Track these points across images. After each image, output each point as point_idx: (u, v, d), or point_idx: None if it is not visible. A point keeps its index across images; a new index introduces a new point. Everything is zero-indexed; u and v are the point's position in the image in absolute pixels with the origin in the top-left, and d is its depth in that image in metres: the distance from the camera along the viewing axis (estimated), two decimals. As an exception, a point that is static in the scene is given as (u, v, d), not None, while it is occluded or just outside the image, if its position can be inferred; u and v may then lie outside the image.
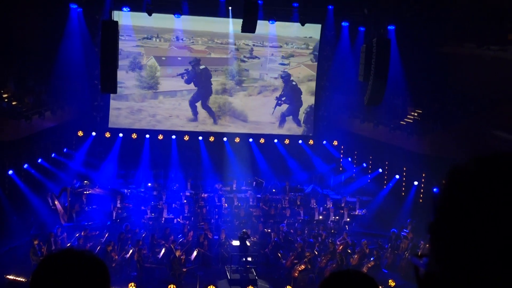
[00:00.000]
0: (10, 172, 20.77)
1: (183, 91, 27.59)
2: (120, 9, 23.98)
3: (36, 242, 17.11)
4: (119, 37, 25.64)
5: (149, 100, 27.38)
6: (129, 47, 26.57)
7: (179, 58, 27.18)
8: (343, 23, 26.18)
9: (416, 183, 23.21)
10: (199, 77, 27.34)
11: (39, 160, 23.18)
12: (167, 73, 27.34)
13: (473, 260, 1.22)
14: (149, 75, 27.12)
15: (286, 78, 27.85)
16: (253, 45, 27.47)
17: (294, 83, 28.00)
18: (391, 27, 23.47)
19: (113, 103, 26.91)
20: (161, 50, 27.12)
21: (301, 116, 28.47)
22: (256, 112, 28.22)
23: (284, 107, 28.17)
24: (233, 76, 27.70)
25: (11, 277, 15.94)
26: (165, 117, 27.64)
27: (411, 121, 23.94)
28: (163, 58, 27.14)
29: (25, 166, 21.99)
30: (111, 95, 25.31)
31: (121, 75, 25.83)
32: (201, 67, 27.28)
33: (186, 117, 27.82)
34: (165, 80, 27.31)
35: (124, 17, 24.14)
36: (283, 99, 28.04)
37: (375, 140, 25.49)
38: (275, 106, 28.08)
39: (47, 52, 23.76)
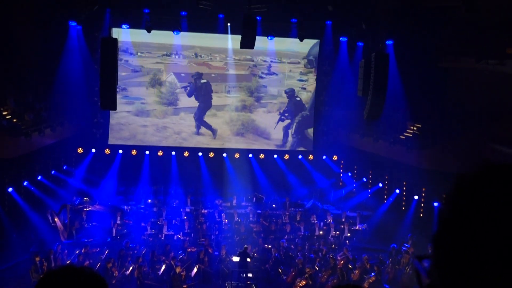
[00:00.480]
0: (10, 189, 20.75)
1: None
2: (120, 26, 24.11)
3: (37, 259, 17.05)
4: (139, 54, 26.11)
5: (170, 116, 27.54)
6: (149, 64, 26.80)
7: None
8: (342, 38, 26.28)
9: (416, 197, 23.18)
10: (199, 91, 27.41)
11: (39, 177, 23.15)
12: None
13: (475, 270, 1.22)
14: (169, 91, 27.30)
15: (290, 93, 27.92)
16: (271, 61, 27.58)
17: (298, 98, 28.06)
18: (389, 42, 23.55)
19: (137, 120, 27.18)
20: (180, 67, 27.33)
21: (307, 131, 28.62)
22: (278, 129, 28.45)
23: (286, 122, 28.25)
24: (252, 93, 27.82)
25: (11, 294, 15.90)
26: (190, 134, 27.87)
27: (411, 135, 23.94)
28: (182, 75, 27.33)
29: (25, 183, 21.96)
30: (134, 110, 25.78)
31: (141, 91, 26.38)
32: (203, 81, 27.35)
33: (209, 134, 28.03)
34: (184, 96, 27.49)
35: (143, 35, 24.38)
36: (286, 114, 28.11)
37: (375, 155, 25.49)
38: (278, 122, 28.15)
39: (47, 69, 23.83)
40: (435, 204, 20.98)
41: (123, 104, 26.26)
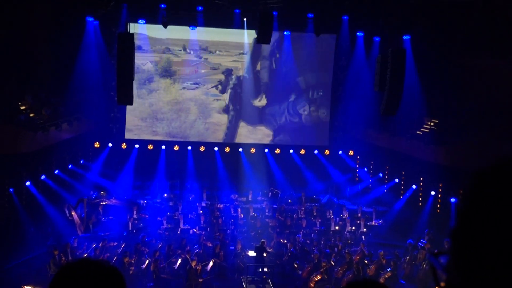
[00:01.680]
0: (28, 183, 20.94)
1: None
2: (136, 22, 24.20)
3: (56, 253, 17.19)
4: (217, 52, 27.03)
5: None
6: (226, 62, 27.56)
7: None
8: (358, 33, 26.15)
9: (433, 193, 23.04)
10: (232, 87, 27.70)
11: (56, 172, 23.34)
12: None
13: (494, 266, 1.21)
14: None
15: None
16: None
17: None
18: (406, 37, 23.40)
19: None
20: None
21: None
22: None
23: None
24: None
25: (28, 287, 16.04)
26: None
27: (428, 131, 23.78)
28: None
29: (42, 177, 22.15)
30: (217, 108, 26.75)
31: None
32: (233, 77, 27.55)
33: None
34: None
35: (192, 33, 25.13)
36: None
37: (392, 150, 25.37)
38: None
39: (64, 64, 23.99)
40: (452, 200, 20.84)
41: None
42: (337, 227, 22.23)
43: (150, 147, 27.13)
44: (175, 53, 27.18)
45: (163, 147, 27.10)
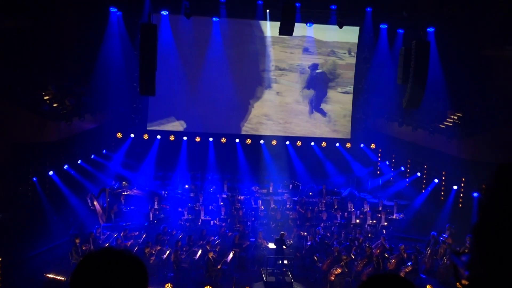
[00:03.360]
0: (51, 172, 21.15)
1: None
2: (159, 13, 24.26)
3: (78, 241, 17.37)
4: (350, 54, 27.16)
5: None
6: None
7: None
8: (382, 26, 25.96)
9: (455, 187, 22.84)
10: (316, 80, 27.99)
11: (79, 161, 23.54)
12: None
13: None
14: None
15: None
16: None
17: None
18: (430, 29, 23.17)
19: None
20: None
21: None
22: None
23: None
24: None
25: (50, 275, 16.24)
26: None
27: (451, 124, 23.55)
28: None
29: (65, 167, 22.36)
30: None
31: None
32: (318, 71, 27.73)
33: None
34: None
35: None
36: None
37: (414, 144, 25.18)
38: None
39: (88, 55, 24.14)
40: (475, 194, 20.66)
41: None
42: (357, 220, 22.16)
43: (171, 138, 27.22)
44: (340, 56, 27.57)
45: (185, 138, 27.17)
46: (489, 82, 23.27)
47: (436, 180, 24.23)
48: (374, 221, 22.26)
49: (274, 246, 18.77)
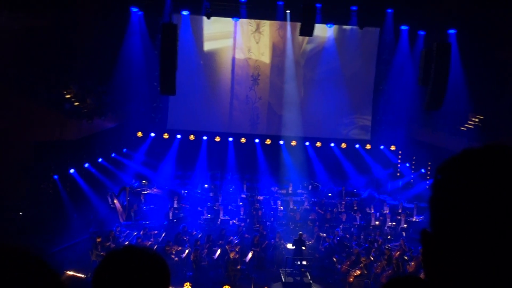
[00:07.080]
0: (72, 170, 21.33)
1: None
2: (180, 13, 24.35)
3: (99, 240, 17.49)
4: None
5: None
6: None
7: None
8: (402, 27, 25.79)
9: (476, 190, 22.55)
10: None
11: (100, 160, 23.72)
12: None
13: (463, 223, 1.31)
14: None
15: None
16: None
17: None
18: (451, 31, 22.98)
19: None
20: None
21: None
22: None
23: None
24: None
25: (71, 273, 16.37)
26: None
27: (472, 127, 23.32)
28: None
29: (86, 165, 22.53)
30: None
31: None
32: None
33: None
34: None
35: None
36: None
37: (434, 146, 24.96)
38: None
39: (109, 54, 24.27)
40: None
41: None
42: (377, 222, 22.06)
43: (191, 137, 27.28)
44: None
45: (205, 137, 27.22)
46: (511, 84, 22.98)
47: (456, 183, 23.93)
48: (394, 223, 22.13)
49: (293, 247, 18.76)
